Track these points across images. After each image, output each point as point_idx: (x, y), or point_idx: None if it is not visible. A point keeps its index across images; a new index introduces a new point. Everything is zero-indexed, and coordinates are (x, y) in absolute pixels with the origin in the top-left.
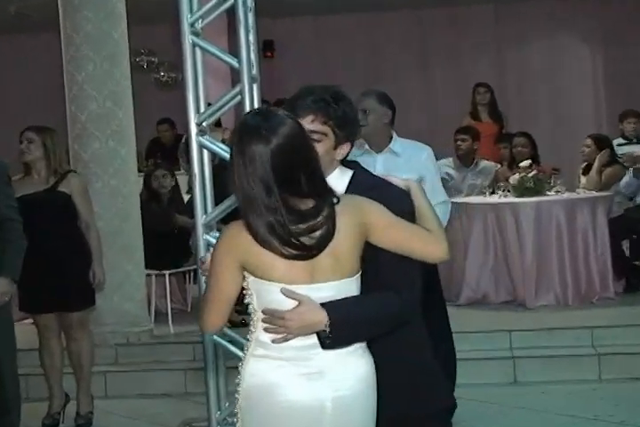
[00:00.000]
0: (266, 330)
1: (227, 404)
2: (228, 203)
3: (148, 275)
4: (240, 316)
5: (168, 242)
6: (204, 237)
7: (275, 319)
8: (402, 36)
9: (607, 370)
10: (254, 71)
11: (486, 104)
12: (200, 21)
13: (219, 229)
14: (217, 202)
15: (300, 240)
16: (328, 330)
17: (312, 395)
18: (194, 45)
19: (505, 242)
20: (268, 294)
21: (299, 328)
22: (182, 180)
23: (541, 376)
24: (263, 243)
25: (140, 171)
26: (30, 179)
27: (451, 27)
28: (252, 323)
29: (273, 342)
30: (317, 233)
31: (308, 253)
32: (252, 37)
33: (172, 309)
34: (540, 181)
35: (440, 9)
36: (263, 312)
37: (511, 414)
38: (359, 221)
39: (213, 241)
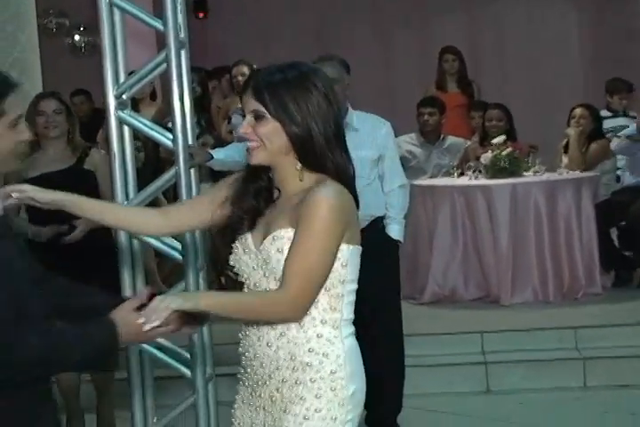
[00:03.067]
0: None
1: (154, 419)
2: (154, 186)
3: None
4: None
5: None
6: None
7: None
8: None
9: (593, 376)
10: (182, 35)
11: (454, 73)
12: None
13: None
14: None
15: None
16: None
17: None
18: (111, 5)
19: (476, 230)
20: (357, 261)
21: None
22: None
23: (518, 384)
24: (357, 201)
25: None
26: (44, 156)
27: None
28: (331, 303)
29: None
30: None
31: None
32: None
33: None
34: (517, 159)
35: None
36: None
37: None
38: None
39: None
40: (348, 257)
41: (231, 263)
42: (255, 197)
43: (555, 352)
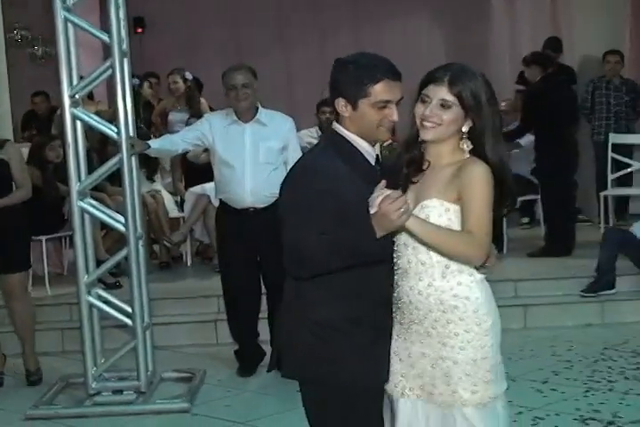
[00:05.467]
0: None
1: (102, 360)
2: (101, 171)
3: None
4: (114, 278)
5: (44, 209)
6: (77, 204)
7: None
8: (263, 13)
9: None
10: (124, 46)
11: None
12: None
13: (93, 197)
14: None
15: None
16: None
17: None
18: (66, 21)
19: None
20: None
21: None
22: None
23: None
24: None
25: (15, 141)
26: None
27: (310, 5)
28: None
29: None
30: None
31: None
32: (122, 14)
33: (48, 272)
34: (395, 150)
35: None
36: None
37: None
38: None
39: (87, 207)
40: None
41: None
42: (407, 166)
43: None
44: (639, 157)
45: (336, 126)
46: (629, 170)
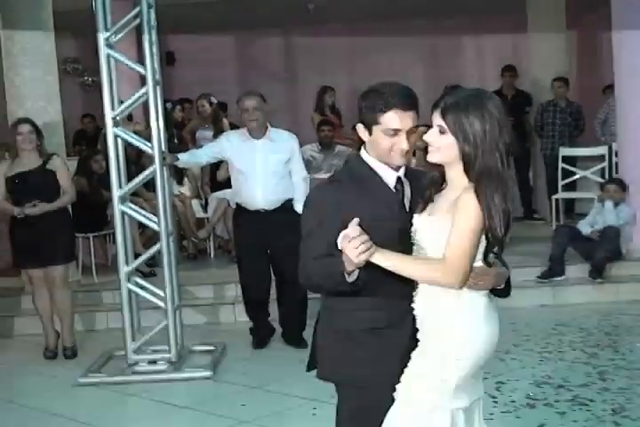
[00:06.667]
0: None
1: (140, 336)
2: (138, 179)
3: (76, 237)
4: (150, 268)
5: (91, 212)
6: (119, 207)
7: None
8: (271, 48)
9: None
10: (157, 77)
11: (331, 105)
12: (113, 36)
13: (131, 201)
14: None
15: None
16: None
17: None
18: (109, 56)
19: None
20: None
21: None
22: None
23: None
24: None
25: (67, 155)
26: (20, 161)
27: (313, 41)
28: None
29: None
30: None
31: None
32: (155, 49)
33: (95, 263)
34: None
35: (302, 28)
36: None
37: None
38: None
39: (126, 210)
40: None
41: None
42: (429, 185)
43: None
44: (582, 167)
45: (362, 151)
46: (575, 177)
